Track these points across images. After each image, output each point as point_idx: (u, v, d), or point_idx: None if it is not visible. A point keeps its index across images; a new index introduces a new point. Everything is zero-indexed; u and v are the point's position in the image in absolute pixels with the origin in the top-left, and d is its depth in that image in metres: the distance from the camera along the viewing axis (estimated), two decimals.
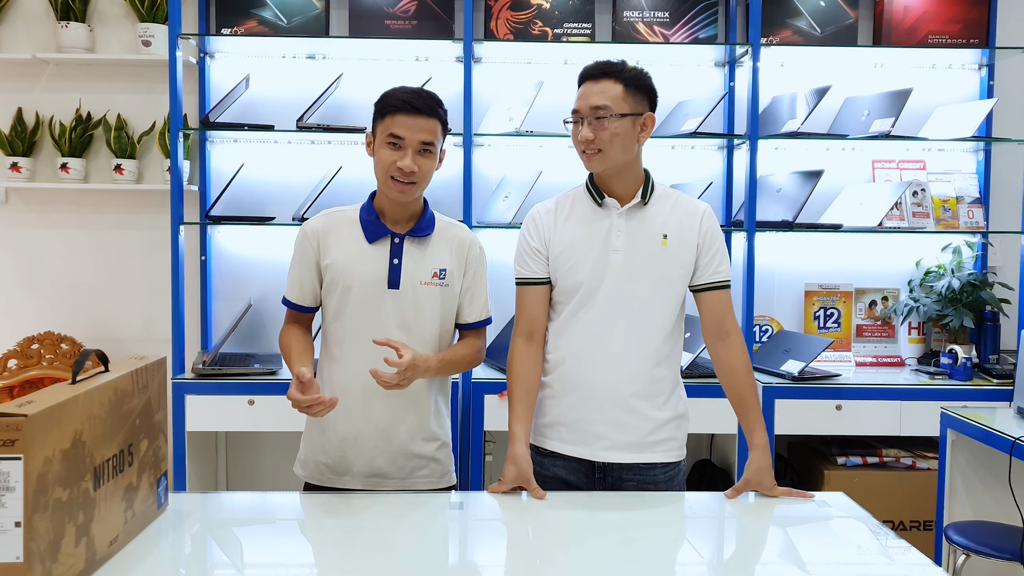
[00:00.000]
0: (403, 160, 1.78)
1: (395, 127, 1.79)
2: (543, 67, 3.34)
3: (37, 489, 1.16)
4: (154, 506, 1.56)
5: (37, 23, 3.35)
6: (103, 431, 1.35)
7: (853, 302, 3.41)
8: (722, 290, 1.89)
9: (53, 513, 1.20)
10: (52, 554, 1.19)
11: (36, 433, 1.15)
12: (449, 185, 3.28)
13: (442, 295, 1.88)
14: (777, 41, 3.31)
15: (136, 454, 1.47)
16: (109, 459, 1.37)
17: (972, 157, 3.44)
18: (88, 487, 1.29)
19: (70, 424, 1.25)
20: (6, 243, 3.41)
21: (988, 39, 3.33)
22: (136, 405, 1.47)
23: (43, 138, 3.38)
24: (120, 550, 1.41)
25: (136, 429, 1.47)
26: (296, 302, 1.93)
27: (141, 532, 1.49)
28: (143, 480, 1.50)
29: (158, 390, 1.57)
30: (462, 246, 1.92)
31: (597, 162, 1.83)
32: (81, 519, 1.27)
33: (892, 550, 1.53)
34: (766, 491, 1.76)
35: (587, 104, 1.81)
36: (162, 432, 1.59)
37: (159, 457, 1.57)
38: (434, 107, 1.83)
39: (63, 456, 1.22)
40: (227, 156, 3.34)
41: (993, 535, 2.32)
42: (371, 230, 1.86)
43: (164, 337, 3.27)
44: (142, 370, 1.51)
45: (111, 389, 1.38)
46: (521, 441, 1.81)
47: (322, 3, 3.26)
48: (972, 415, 2.56)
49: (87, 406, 1.30)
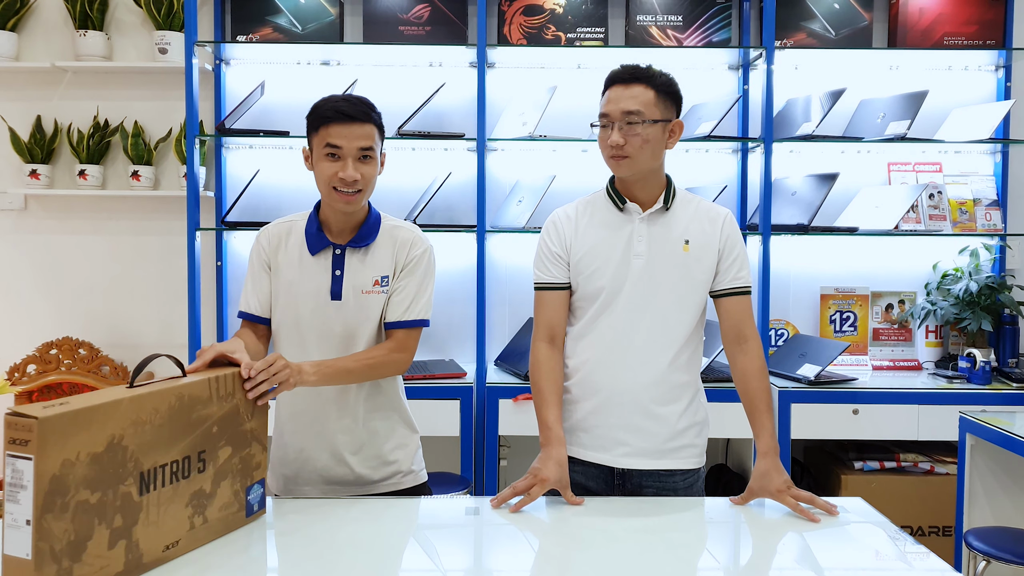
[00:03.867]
0: (344, 171, 1.75)
1: (331, 137, 1.75)
2: (556, 71, 3.34)
3: (51, 490, 1.17)
4: (240, 514, 1.54)
5: (55, 32, 3.39)
6: (156, 437, 1.35)
7: (869, 305, 3.39)
8: (742, 296, 1.88)
9: (75, 515, 1.21)
10: (73, 554, 1.21)
11: (49, 436, 1.16)
12: (463, 190, 3.29)
13: (383, 302, 1.86)
14: (791, 44, 3.30)
15: (211, 461, 1.46)
16: (165, 465, 1.37)
17: (989, 159, 3.42)
18: (130, 491, 1.31)
19: (104, 428, 1.26)
20: (26, 249, 3.44)
21: (1005, 40, 3.30)
22: (213, 412, 1.46)
23: (61, 145, 3.42)
24: (181, 555, 1.41)
25: (212, 436, 1.46)
26: (253, 312, 1.88)
27: (219, 538, 1.49)
28: (222, 487, 1.49)
29: (253, 399, 1.56)
30: (402, 248, 1.87)
31: (625, 167, 1.82)
32: (119, 522, 1.29)
33: (911, 556, 1.52)
34: (771, 496, 1.74)
35: (618, 108, 1.79)
36: (256, 440, 1.57)
37: (249, 465, 1.56)
38: (367, 112, 1.78)
39: (92, 459, 1.23)
40: (243, 162, 3.37)
41: (1014, 541, 2.29)
42: (313, 242, 1.84)
43: (181, 342, 3.29)
44: (224, 378, 1.49)
45: (173, 395, 1.39)
46: (563, 443, 1.80)
47: (336, 9, 3.28)
48: (991, 419, 2.53)
49: (132, 411, 1.30)
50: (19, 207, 3.43)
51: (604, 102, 1.83)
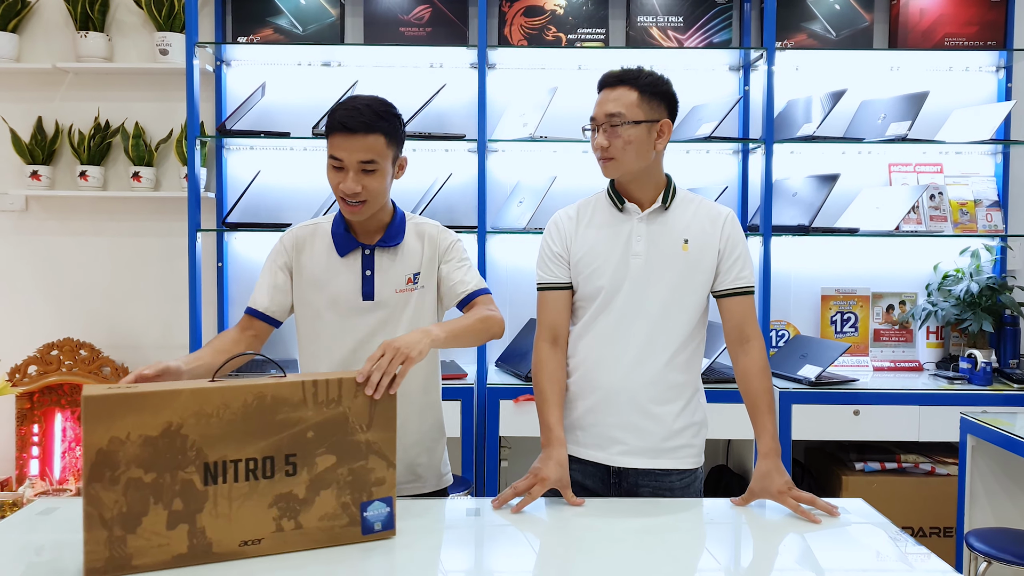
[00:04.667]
0: (344, 183, 1.73)
1: (334, 148, 1.73)
2: (557, 72, 3.34)
3: (98, 462, 1.31)
4: (352, 529, 1.48)
5: (56, 33, 3.39)
6: (226, 431, 1.38)
7: (870, 306, 3.39)
8: (744, 296, 1.88)
9: (127, 489, 1.33)
10: (126, 525, 1.33)
11: (93, 412, 1.30)
12: (464, 191, 3.29)
13: (418, 299, 1.85)
14: (792, 45, 3.30)
15: (305, 466, 1.44)
16: (239, 460, 1.39)
17: (990, 160, 3.42)
18: (192, 479, 1.37)
19: (159, 414, 1.34)
20: (27, 250, 3.45)
21: (1005, 41, 3.30)
22: (308, 417, 1.44)
23: (62, 146, 3.42)
24: (267, 555, 1.42)
25: (307, 441, 1.44)
26: (262, 311, 1.85)
27: (322, 549, 1.46)
28: (323, 497, 1.46)
29: (370, 408, 1.48)
30: (432, 242, 1.88)
31: (611, 169, 1.84)
32: (178, 506, 1.36)
33: (912, 557, 1.52)
34: (772, 498, 1.74)
35: (602, 111, 1.82)
36: (375, 454, 1.49)
37: (365, 480, 1.48)
38: (371, 123, 1.72)
39: (145, 441, 1.33)
40: (243, 163, 3.37)
41: (1015, 542, 2.29)
42: (341, 243, 1.83)
43: (181, 343, 3.29)
44: (326, 383, 1.45)
45: (251, 393, 1.40)
46: (564, 444, 1.81)
47: (337, 11, 3.28)
48: (992, 420, 2.53)
49: (194, 402, 1.36)
50: (20, 208, 3.43)
51: (594, 106, 1.85)
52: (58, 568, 1.45)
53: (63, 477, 3.32)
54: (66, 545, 1.54)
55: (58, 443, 3.33)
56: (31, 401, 3.27)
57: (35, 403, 3.28)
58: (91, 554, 1.33)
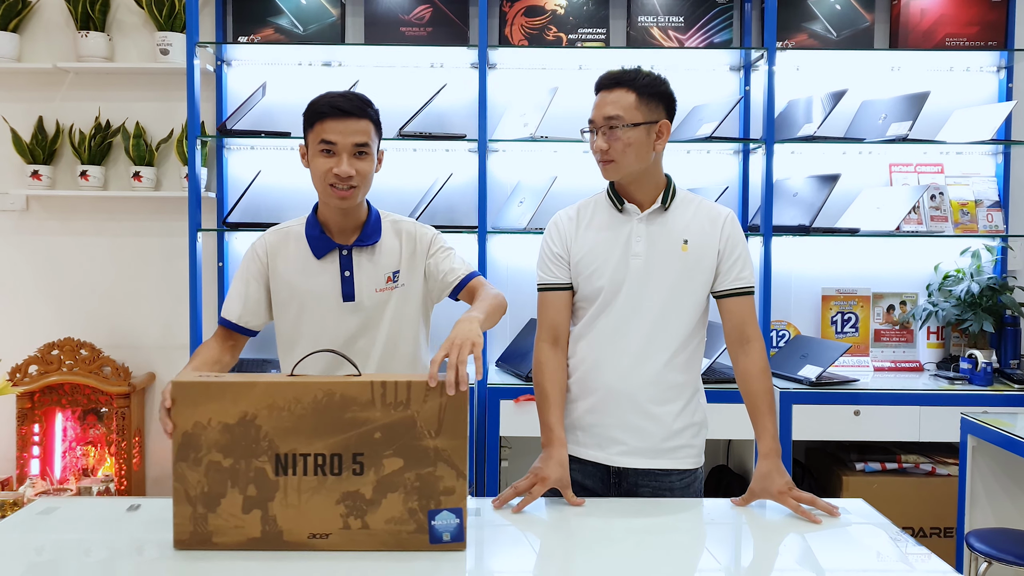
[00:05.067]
0: (339, 166, 1.73)
1: (326, 133, 1.73)
2: (558, 72, 3.34)
3: (184, 443, 1.43)
4: (420, 536, 1.46)
5: (57, 33, 3.39)
6: (296, 425, 1.44)
7: (871, 307, 3.39)
8: (744, 296, 1.88)
9: (208, 471, 1.44)
10: (208, 504, 1.44)
11: (179, 398, 1.43)
12: (464, 191, 3.29)
13: (399, 297, 1.85)
14: (792, 45, 3.30)
15: (372, 467, 1.45)
16: (308, 455, 1.44)
17: (991, 160, 3.42)
18: (265, 468, 1.44)
19: (236, 404, 1.43)
20: (27, 250, 3.45)
21: (1006, 41, 3.30)
22: (375, 418, 1.44)
23: (63, 146, 3.42)
24: (336, 550, 1.44)
25: (374, 442, 1.45)
26: (236, 322, 1.85)
27: (389, 552, 1.45)
28: (390, 500, 1.45)
29: (440, 414, 1.45)
30: (410, 239, 1.88)
31: (611, 171, 1.84)
32: (252, 492, 1.44)
33: (912, 557, 1.52)
34: (773, 498, 1.74)
35: (600, 114, 1.82)
36: (445, 462, 1.45)
37: (433, 488, 1.46)
38: (363, 107, 1.76)
39: (224, 428, 1.43)
40: (244, 163, 3.37)
41: (1016, 542, 2.29)
42: (317, 245, 1.82)
43: (182, 343, 3.30)
44: (395, 384, 1.44)
45: (321, 390, 1.44)
46: (564, 444, 1.81)
47: (338, 10, 3.28)
48: (993, 421, 2.53)
49: (268, 395, 1.43)
50: (21, 208, 3.43)
51: (592, 108, 1.85)
52: (58, 568, 1.45)
53: (63, 477, 3.32)
54: (66, 545, 1.55)
55: (59, 443, 3.33)
56: (32, 401, 3.27)
57: (36, 403, 3.28)
58: (179, 527, 1.45)
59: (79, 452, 3.35)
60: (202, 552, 1.45)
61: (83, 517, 1.68)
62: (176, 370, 3.44)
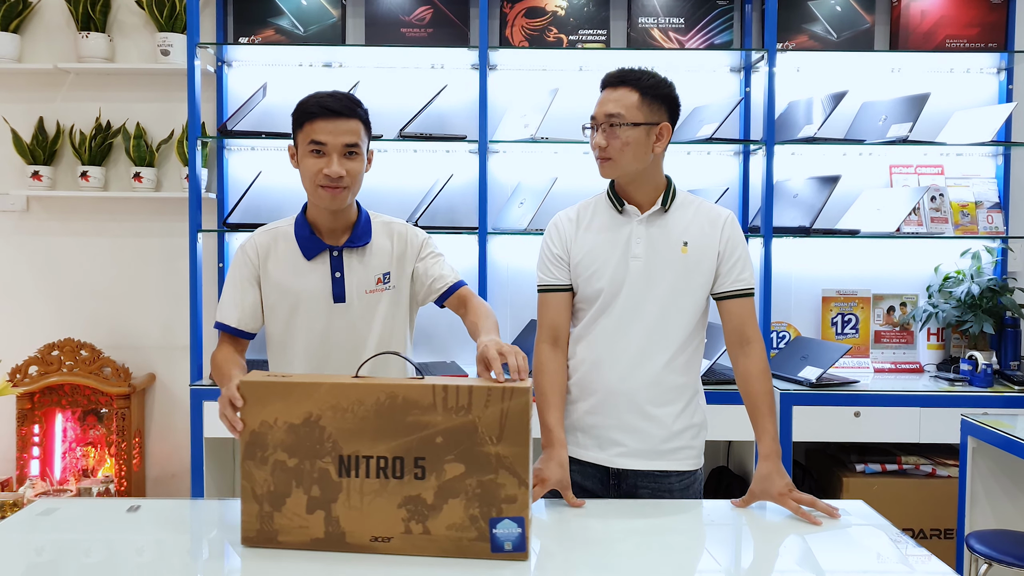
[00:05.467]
0: (329, 166, 1.72)
1: (315, 133, 1.72)
2: (558, 74, 3.34)
3: (251, 442, 1.45)
4: (481, 544, 1.44)
5: (58, 33, 3.39)
6: (359, 426, 1.44)
7: (871, 308, 3.39)
8: (743, 298, 1.88)
9: (274, 470, 1.45)
10: (273, 502, 1.46)
11: (247, 397, 1.45)
12: (465, 192, 3.29)
13: (389, 299, 1.85)
14: (793, 46, 3.30)
15: (433, 472, 1.43)
16: (371, 457, 1.44)
17: (991, 162, 3.42)
18: (328, 469, 1.45)
19: (301, 404, 1.44)
20: (28, 250, 3.45)
21: (1007, 43, 3.30)
22: (437, 422, 1.43)
23: (64, 147, 3.42)
24: (397, 554, 1.44)
25: (436, 446, 1.43)
26: (236, 326, 1.84)
27: (449, 559, 1.43)
28: (451, 505, 1.44)
29: (501, 421, 1.42)
30: (402, 240, 1.88)
31: (608, 169, 1.84)
32: (316, 492, 1.45)
33: (912, 559, 1.52)
34: (773, 499, 1.74)
35: (602, 111, 1.82)
36: (507, 470, 1.42)
37: (495, 495, 1.43)
38: (353, 107, 1.75)
39: (289, 428, 1.44)
40: (245, 164, 3.37)
41: (1016, 544, 2.29)
42: (308, 246, 1.81)
43: (182, 344, 3.30)
44: (456, 389, 1.43)
45: (383, 392, 1.43)
46: (564, 445, 1.81)
47: (338, 11, 3.28)
48: (993, 422, 2.53)
49: (332, 396, 1.44)
50: (21, 208, 3.43)
51: (595, 105, 1.85)
52: (58, 568, 1.45)
53: (63, 477, 3.32)
54: (66, 545, 1.55)
55: (59, 443, 3.33)
56: (32, 401, 3.27)
57: (36, 403, 3.28)
58: (246, 524, 1.47)
59: (79, 453, 3.35)
60: (268, 550, 1.46)
61: (83, 518, 1.68)
62: (177, 371, 3.45)
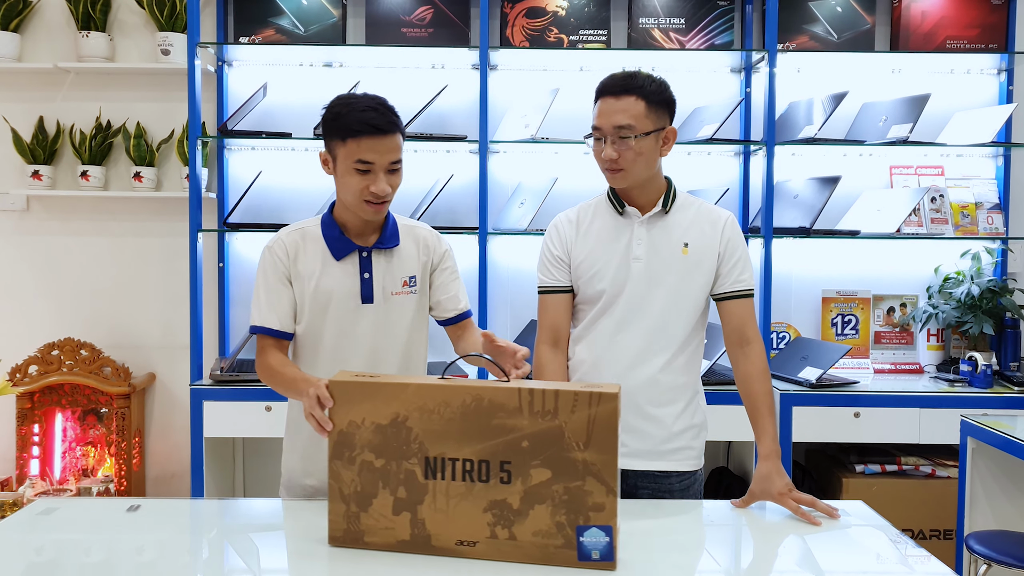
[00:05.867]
0: (376, 184, 1.71)
1: (362, 152, 1.69)
2: (559, 74, 3.34)
3: (339, 442, 1.46)
4: (567, 552, 1.41)
5: (58, 33, 3.39)
6: (445, 428, 1.43)
7: (871, 309, 3.39)
8: (743, 299, 1.88)
9: (361, 470, 1.46)
10: (360, 503, 1.46)
11: (336, 396, 1.46)
12: (465, 192, 3.29)
13: (413, 302, 1.85)
14: (793, 47, 3.30)
15: (519, 476, 1.41)
16: (456, 460, 1.43)
17: (991, 162, 3.42)
18: (414, 470, 1.44)
19: (389, 405, 1.44)
20: (28, 250, 3.45)
21: (1007, 44, 3.30)
22: (523, 425, 1.41)
23: (64, 146, 3.42)
24: (483, 559, 1.43)
25: (522, 451, 1.41)
26: (279, 328, 1.80)
27: (536, 566, 1.41)
28: (537, 511, 1.41)
29: (588, 426, 1.39)
30: (426, 247, 1.88)
31: (620, 179, 1.83)
32: (402, 494, 1.45)
33: (912, 559, 1.52)
34: (772, 499, 1.74)
35: (610, 123, 1.78)
36: (595, 477, 1.39)
37: (582, 503, 1.39)
38: (397, 123, 1.73)
39: (376, 428, 1.45)
40: (245, 163, 3.37)
41: (1015, 544, 2.29)
42: (337, 247, 1.80)
43: (182, 343, 3.29)
44: (543, 392, 1.40)
45: (469, 394, 1.43)
46: None
47: (339, 11, 3.28)
48: (993, 423, 2.53)
49: (418, 397, 1.44)
50: (21, 208, 3.43)
51: (596, 114, 1.83)
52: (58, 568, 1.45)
53: (63, 477, 3.32)
54: (66, 545, 1.55)
55: (58, 443, 3.33)
56: (31, 401, 3.27)
57: (35, 403, 3.28)
58: (333, 523, 1.48)
59: (79, 452, 3.35)
60: (355, 551, 1.47)
61: (83, 518, 1.68)
62: (177, 370, 3.45)
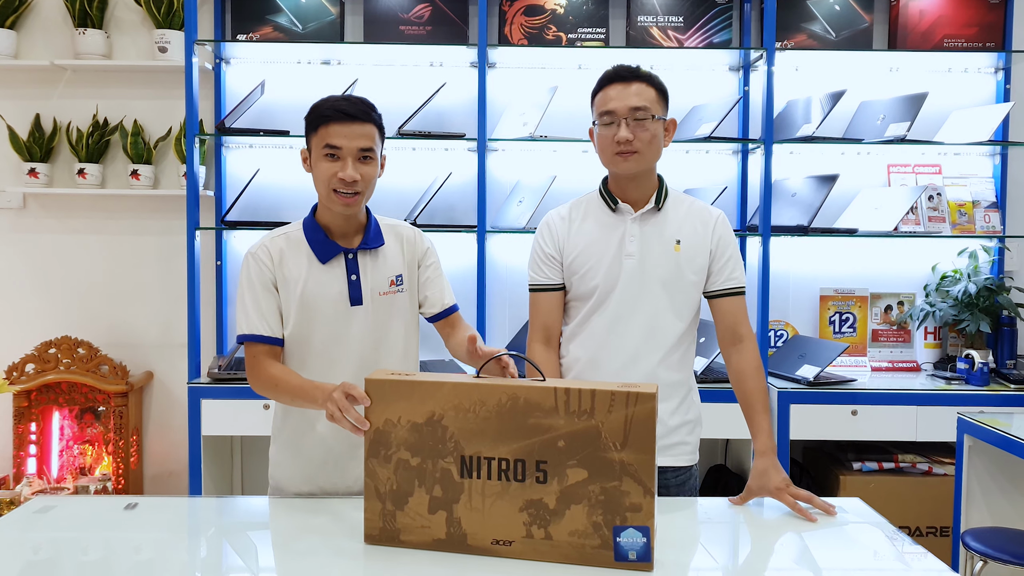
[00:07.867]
0: (344, 170, 1.71)
1: (330, 137, 1.71)
2: (557, 72, 3.34)
3: (375, 440, 1.47)
4: (604, 552, 1.40)
5: (55, 30, 3.38)
6: (481, 427, 1.43)
7: (869, 307, 3.39)
8: (735, 296, 1.88)
9: (397, 469, 1.46)
10: (396, 501, 1.46)
11: (371, 395, 1.46)
12: (463, 190, 3.29)
13: (401, 301, 1.84)
14: (792, 45, 3.30)
15: (556, 476, 1.41)
16: (492, 459, 1.43)
17: (988, 161, 3.42)
18: (450, 469, 1.44)
19: (425, 403, 1.44)
20: (25, 248, 3.44)
21: (1004, 42, 3.31)
22: (559, 425, 1.40)
23: (60, 144, 3.41)
24: (519, 558, 1.42)
25: (558, 450, 1.40)
26: (269, 335, 1.77)
27: (572, 566, 1.40)
28: (573, 511, 1.41)
29: (625, 426, 1.38)
30: (409, 244, 1.87)
31: (633, 163, 1.82)
32: (438, 492, 1.45)
33: (909, 556, 1.52)
34: (770, 495, 1.74)
35: (625, 104, 1.79)
36: (632, 478, 1.38)
37: (619, 503, 1.39)
38: (368, 111, 1.74)
39: (412, 427, 1.45)
40: (242, 161, 3.37)
41: (1011, 541, 2.29)
42: (322, 250, 1.79)
43: (180, 342, 3.29)
44: (579, 392, 1.39)
45: (504, 393, 1.42)
46: None
47: (337, 9, 3.28)
48: (989, 420, 2.53)
49: (454, 396, 1.43)
50: (18, 206, 3.43)
51: (603, 100, 1.83)
52: (55, 566, 1.45)
53: (60, 475, 3.31)
54: (63, 543, 1.55)
55: (55, 441, 3.33)
56: (29, 399, 3.27)
57: (33, 401, 3.28)
58: (369, 522, 1.48)
59: (76, 451, 3.34)
60: (391, 549, 1.47)
61: (80, 516, 1.68)
62: (174, 369, 3.44)
